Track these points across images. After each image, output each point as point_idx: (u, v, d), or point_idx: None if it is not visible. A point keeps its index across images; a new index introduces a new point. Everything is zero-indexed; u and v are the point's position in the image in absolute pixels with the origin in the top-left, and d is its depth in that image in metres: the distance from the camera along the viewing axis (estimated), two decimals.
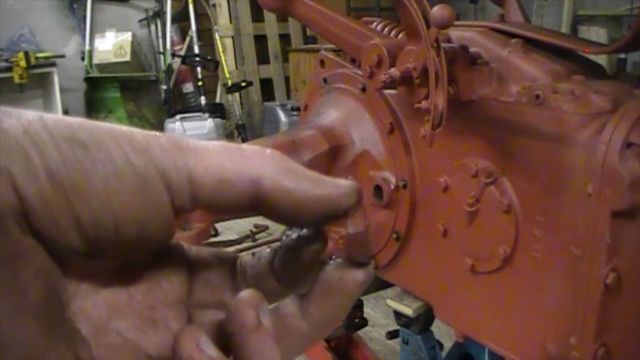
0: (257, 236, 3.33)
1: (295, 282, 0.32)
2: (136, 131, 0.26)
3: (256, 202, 0.27)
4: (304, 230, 0.31)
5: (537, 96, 0.80)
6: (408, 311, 1.10)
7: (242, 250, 3.16)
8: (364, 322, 1.46)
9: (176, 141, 0.27)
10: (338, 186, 0.28)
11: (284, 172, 0.27)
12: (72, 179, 0.24)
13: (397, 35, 1.04)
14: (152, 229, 0.26)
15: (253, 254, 0.32)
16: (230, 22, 4.94)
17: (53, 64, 4.03)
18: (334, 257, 0.30)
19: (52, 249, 0.24)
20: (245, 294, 0.27)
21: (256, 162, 0.27)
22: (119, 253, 0.26)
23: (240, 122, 4.63)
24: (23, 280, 0.23)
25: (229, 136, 4.73)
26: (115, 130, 0.26)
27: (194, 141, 0.28)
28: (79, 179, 0.24)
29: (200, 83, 4.69)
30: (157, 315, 0.29)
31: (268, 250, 0.32)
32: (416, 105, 0.83)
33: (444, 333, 1.54)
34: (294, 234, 0.31)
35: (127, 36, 4.49)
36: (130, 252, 0.27)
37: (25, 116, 0.25)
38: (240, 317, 0.27)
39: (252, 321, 0.26)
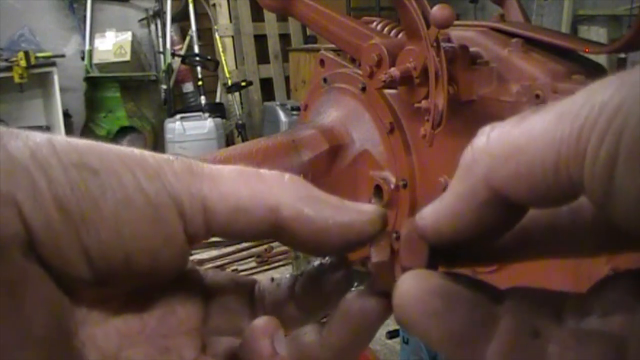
0: None
1: (316, 310, 0.30)
2: (148, 154, 0.25)
3: (275, 230, 0.26)
4: (327, 258, 0.29)
5: (537, 96, 0.80)
6: None
7: (242, 250, 3.16)
8: None
9: (190, 165, 0.26)
10: (361, 212, 0.26)
11: (304, 199, 0.26)
12: (81, 208, 0.23)
13: (397, 35, 1.04)
14: (164, 258, 0.25)
15: (272, 279, 0.31)
16: (230, 21, 4.93)
17: (53, 64, 4.03)
18: (356, 284, 0.29)
19: (60, 278, 0.23)
20: (261, 321, 0.26)
21: (275, 188, 0.26)
22: (130, 283, 0.25)
23: (240, 122, 4.63)
24: (27, 309, 0.22)
25: (229, 136, 4.73)
26: (126, 154, 0.25)
27: (209, 166, 0.26)
28: (87, 208, 0.23)
29: (200, 83, 4.68)
30: (170, 343, 0.27)
31: (288, 276, 0.31)
32: (416, 104, 0.83)
33: None
34: (315, 262, 0.30)
35: (127, 36, 4.48)
36: (142, 282, 0.26)
37: (32, 139, 0.23)
38: (255, 345, 0.26)
39: (267, 350, 0.25)
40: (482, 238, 0.24)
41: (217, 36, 4.79)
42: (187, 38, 4.85)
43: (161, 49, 4.73)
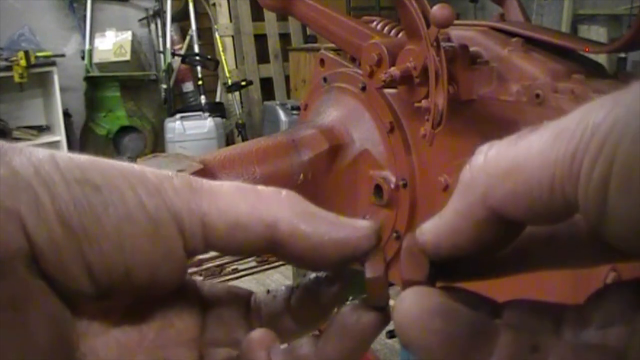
0: None
1: (312, 323, 0.30)
2: (148, 171, 0.26)
3: (272, 246, 0.26)
4: (322, 272, 0.30)
5: (537, 95, 0.80)
6: None
7: None
8: None
9: (189, 182, 0.26)
10: (357, 228, 0.27)
11: (300, 215, 0.26)
12: (83, 223, 0.23)
13: (397, 35, 1.04)
14: (164, 272, 0.25)
15: (268, 291, 0.31)
16: (230, 21, 4.93)
17: (53, 63, 4.03)
18: (351, 298, 0.29)
19: (62, 292, 0.24)
20: (257, 333, 0.27)
21: (272, 205, 0.26)
22: (130, 295, 0.26)
23: (240, 122, 4.63)
24: (31, 323, 0.22)
25: (229, 135, 4.73)
26: (128, 171, 0.25)
27: (209, 182, 0.27)
28: (90, 223, 0.23)
29: (200, 82, 4.68)
30: (169, 354, 0.28)
31: (284, 288, 0.31)
32: (416, 104, 0.83)
33: None
34: (312, 275, 0.30)
35: (127, 35, 4.48)
36: (141, 295, 0.26)
37: (36, 155, 0.24)
38: (252, 357, 0.26)
39: None
40: (481, 253, 0.25)
41: (217, 36, 4.80)
42: (187, 38, 4.85)
43: (161, 49, 4.74)
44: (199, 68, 4.68)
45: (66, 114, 4.25)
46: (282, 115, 4.38)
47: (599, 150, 0.19)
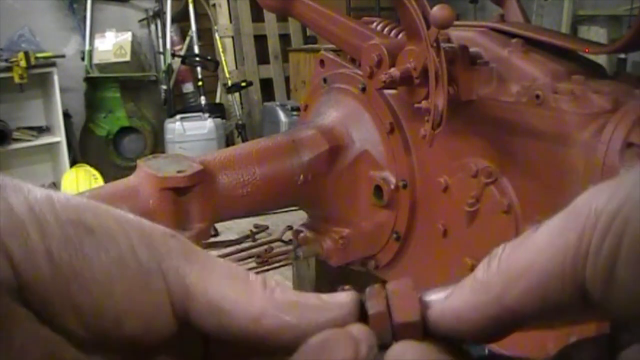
0: (257, 236, 3.32)
1: None
2: (146, 222, 0.26)
3: (256, 338, 0.26)
4: None
5: (537, 96, 0.80)
6: None
7: (242, 250, 3.16)
8: None
9: (184, 246, 0.26)
10: (339, 306, 0.27)
11: (286, 306, 0.26)
12: (73, 264, 0.23)
13: (397, 35, 1.04)
14: (156, 324, 0.25)
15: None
16: (230, 22, 4.93)
17: (53, 64, 4.02)
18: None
19: (52, 327, 0.24)
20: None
21: (257, 296, 0.26)
22: (125, 346, 0.25)
23: (240, 122, 4.63)
24: (17, 342, 0.22)
25: (229, 136, 4.73)
26: (123, 217, 0.25)
27: (204, 255, 0.27)
28: (80, 265, 0.23)
29: (200, 83, 4.68)
30: None
31: None
32: (416, 105, 0.83)
33: None
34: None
35: (127, 36, 4.48)
36: (135, 345, 0.26)
37: (34, 193, 0.24)
38: None
39: None
40: (480, 340, 0.26)
41: (217, 36, 4.79)
42: (187, 38, 4.84)
43: (161, 49, 4.73)
44: (199, 69, 4.68)
45: (66, 115, 4.25)
46: (282, 116, 4.37)
47: (607, 229, 0.22)
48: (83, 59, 4.46)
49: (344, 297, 0.27)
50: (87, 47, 4.46)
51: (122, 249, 0.24)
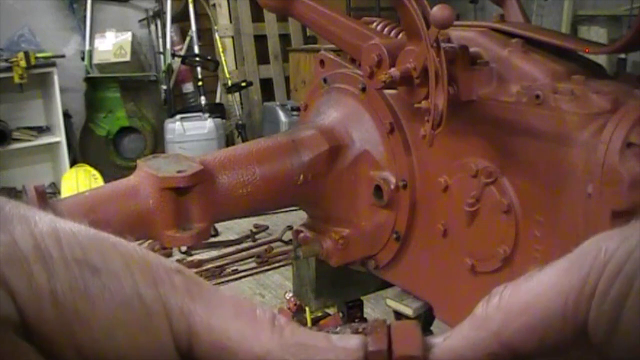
0: (257, 236, 3.32)
1: None
2: (152, 257, 0.26)
3: None
4: None
5: (537, 96, 0.80)
6: (408, 311, 1.10)
7: (242, 250, 3.15)
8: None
9: (189, 283, 0.26)
10: (347, 351, 0.26)
11: (292, 347, 0.26)
12: (77, 305, 0.23)
13: (397, 35, 1.04)
14: None
15: None
16: (230, 22, 4.93)
17: (53, 64, 4.02)
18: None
19: None
20: None
21: (264, 334, 0.26)
22: None
23: (240, 122, 4.63)
24: None
25: (229, 136, 4.73)
26: (129, 254, 0.25)
27: (210, 290, 0.26)
28: (84, 306, 0.24)
29: (200, 83, 4.68)
30: None
31: None
32: (416, 105, 0.83)
33: None
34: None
35: (127, 36, 4.48)
36: None
37: (40, 226, 0.24)
38: None
39: None
40: None
41: (217, 36, 4.80)
42: (187, 38, 4.85)
43: (161, 49, 4.73)
44: (199, 69, 4.68)
45: (66, 115, 4.25)
46: (282, 116, 4.38)
47: (617, 270, 0.22)
48: (83, 59, 4.46)
49: (352, 342, 0.27)
50: (87, 47, 4.46)
51: (127, 291, 0.24)
